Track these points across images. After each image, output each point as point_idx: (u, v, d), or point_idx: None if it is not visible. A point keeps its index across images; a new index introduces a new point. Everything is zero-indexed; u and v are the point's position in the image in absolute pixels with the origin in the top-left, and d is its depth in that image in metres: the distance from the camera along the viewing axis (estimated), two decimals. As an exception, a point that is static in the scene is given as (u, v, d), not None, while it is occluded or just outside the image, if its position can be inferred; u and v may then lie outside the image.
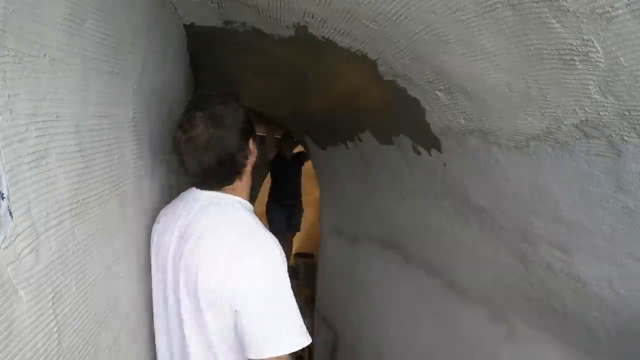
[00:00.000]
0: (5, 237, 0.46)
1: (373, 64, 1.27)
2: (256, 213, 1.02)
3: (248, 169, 1.00)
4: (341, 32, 1.17)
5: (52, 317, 0.58)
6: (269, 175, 4.42)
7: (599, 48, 0.67)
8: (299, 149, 4.06)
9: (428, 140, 1.42)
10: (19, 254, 0.50)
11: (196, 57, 1.92)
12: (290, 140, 3.86)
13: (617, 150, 0.82)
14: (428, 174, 1.58)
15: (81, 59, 0.67)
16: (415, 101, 1.30)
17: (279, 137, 4.03)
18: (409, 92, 1.28)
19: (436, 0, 0.81)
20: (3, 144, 0.46)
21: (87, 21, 0.68)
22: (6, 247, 0.47)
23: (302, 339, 0.87)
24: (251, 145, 0.99)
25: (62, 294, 0.61)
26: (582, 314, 1.17)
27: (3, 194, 0.46)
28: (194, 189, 1.01)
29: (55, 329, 0.59)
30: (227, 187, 0.98)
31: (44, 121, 0.56)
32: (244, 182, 1.01)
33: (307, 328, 0.89)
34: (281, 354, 0.84)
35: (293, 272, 4.17)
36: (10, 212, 0.47)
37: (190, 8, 1.38)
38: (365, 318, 2.49)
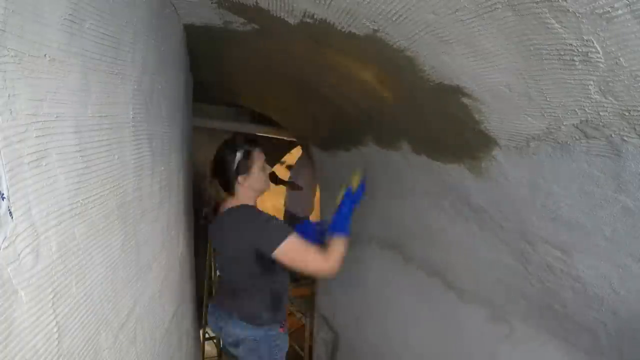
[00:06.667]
0: (5, 237, 0.46)
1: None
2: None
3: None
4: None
5: (52, 317, 0.58)
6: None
7: (598, 48, 0.67)
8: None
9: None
10: (19, 254, 0.50)
11: (196, 57, 1.92)
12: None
13: (617, 150, 0.82)
14: (428, 174, 1.58)
15: (81, 59, 0.67)
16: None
17: None
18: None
19: (436, 0, 0.81)
20: (3, 144, 0.46)
21: (87, 21, 0.68)
22: (6, 247, 0.47)
23: None
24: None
25: (62, 294, 0.61)
26: (582, 314, 1.17)
27: (3, 194, 0.46)
28: None
29: (55, 329, 0.59)
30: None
31: (44, 121, 0.56)
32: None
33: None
34: None
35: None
36: (10, 212, 0.47)
37: (190, 8, 1.38)
38: (365, 318, 2.48)
